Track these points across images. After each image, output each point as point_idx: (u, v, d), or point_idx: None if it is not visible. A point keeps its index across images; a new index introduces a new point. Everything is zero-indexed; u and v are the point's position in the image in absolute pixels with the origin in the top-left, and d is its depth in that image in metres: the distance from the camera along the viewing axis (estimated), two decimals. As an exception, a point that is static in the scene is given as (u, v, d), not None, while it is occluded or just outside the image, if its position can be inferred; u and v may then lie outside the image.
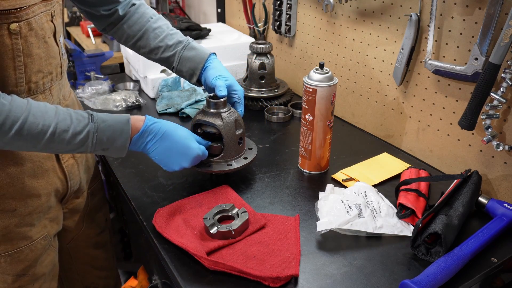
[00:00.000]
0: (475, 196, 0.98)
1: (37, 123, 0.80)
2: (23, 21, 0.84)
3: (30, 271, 0.99)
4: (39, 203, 0.97)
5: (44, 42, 0.90)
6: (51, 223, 1.02)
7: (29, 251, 0.98)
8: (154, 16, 1.17)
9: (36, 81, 0.90)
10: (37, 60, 0.89)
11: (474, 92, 0.97)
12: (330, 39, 1.47)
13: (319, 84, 1.05)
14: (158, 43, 1.15)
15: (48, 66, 0.92)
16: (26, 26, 0.85)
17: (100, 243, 1.27)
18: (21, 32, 0.84)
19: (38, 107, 0.81)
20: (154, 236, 0.92)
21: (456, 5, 1.04)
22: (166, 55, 1.15)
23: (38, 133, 0.80)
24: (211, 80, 1.09)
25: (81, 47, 2.21)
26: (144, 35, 1.15)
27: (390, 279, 0.82)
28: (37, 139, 0.81)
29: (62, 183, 1.02)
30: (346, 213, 0.93)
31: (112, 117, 0.89)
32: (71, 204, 1.11)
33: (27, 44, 0.86)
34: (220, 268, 0.82)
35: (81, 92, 1.58)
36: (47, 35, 0.91)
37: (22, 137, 0.79)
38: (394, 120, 1.31)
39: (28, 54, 0.87)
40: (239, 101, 1.11)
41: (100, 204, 1.26)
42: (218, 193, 1.04)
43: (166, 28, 1.16)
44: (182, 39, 1.16)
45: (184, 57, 1.14)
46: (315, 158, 1.13)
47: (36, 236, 0.98)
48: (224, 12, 2.11)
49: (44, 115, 0.81)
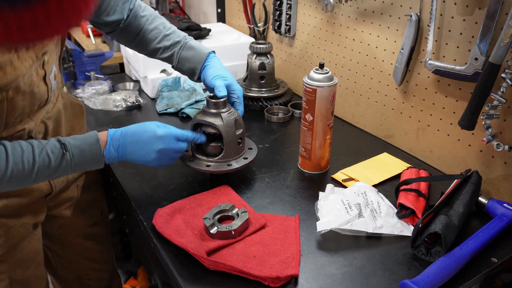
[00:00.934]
0: (475, 196, 0.98)
1: (22, 170, 0.83)
2: (11, 89, 0.82)
3: (9, 258, 1.01)
4: (19, 201, 0.98)
5: (30, 94, 0.88)
6: (30, 214, 1.03)
7: (6, 238, 0.99)
8: (150, 16, 1.16)
9: (15, 121, 0.90)
10: (19, 109, 0.88)
11: (474, 92, 0.97)
12: (330, 39, 1.47)
13: (319, 84, 1.05)
14: (155, 45, 1.15)
15: (31, 106, 0.91)
16: (13, 91, 0.83)
17: (92, 235, 1.28)
18: (7, 97, 0.82)
19: (16, 152, 0.83)
20: (154, 236, 0.92)
21: (456, 5, 1.04)
22: (165, 55, 1.16)
23: (26, 177, 0.85)
24: (210, 80, 1.10)
25: (81, 47, 2.21)
26: (142, 38, 1.16)
27: (390, 279, 0.82)
28: (25, 182, 0.86)
29: (45, 184, 1.03)
30: (346, 213, 0.93)
31: (83, 140, 0.91)
32: (56, 198, 1.12)
33: (12, 103, 0.84)
34: (220, 268, 0.82)
35: (81, 92, 1.58)
36: (35, 86, 0.89)
37: (12, 184, 0.84)
38: (394, 120, 1.31)
39: (11, 109, 0.85)
40: (238, 100, 1.10)
41: (94, 197, 1.26)
42: (218, 193, 1.04)
43: (162, 28, 1.16)
44: (179, 38, 1.15)
45: (182, 58, 1.14)
46: (315, 158, 1.13)
47: (12, 223, 0.99)
48: (224, 12, 2.11)
49: (24, 160, 0.83)
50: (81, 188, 1.19)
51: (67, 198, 1.15)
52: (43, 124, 0.99)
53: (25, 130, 0.92)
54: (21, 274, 1.04)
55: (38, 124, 0.96)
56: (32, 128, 0.94)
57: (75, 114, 1.15)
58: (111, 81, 1.72)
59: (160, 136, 0.96)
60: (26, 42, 0.47)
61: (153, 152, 0.96)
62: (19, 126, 0.91)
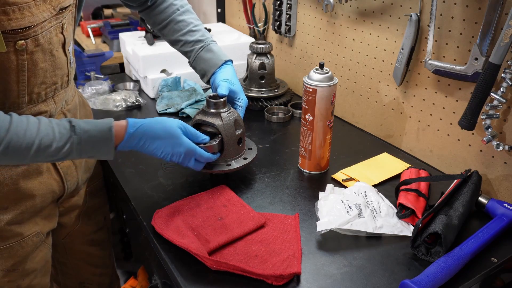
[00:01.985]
0: (475, 196, 0.98)
1: (20, 143, 0.79)
2: (30, 38, 0.82)
3: (20, 267, 1.00)
4: (33, 203, 0.97)
5: (51, 56, 0.88)
6: (44, 221, 1.02)
7: (20, 248, 0.98)
8: (182, 8, 1.19)
9: (39, 92, 0.90)
10: (41, 73, 0.88)
11: (474, 92, 0.97)
12: (330, 39, 1.47)
13: (319, 84, 1.05)
14: (179, 36, 1.17)
15: (53, 77, 0.91)
16: (33, 43, 0.83)
17: (96, 240, 1.27)
18: (27, 49, 0.83)
19: (20, 124, 0.79)
20: (154, 236, 0.92)
21: (456, 5, 1.04)
22: (185, 50, 1.19)
23: (23, 150, 0.80)
24: (217, 81, 1.11)
25: (81, 47, 2.20)
26: (168, 25, 1.18)
27: (390, 279, 0.82)
28: (22, 156, 0.81)
29: (58, 184, 1.02)
30: (346, 213, 0.93)
31: (95, 126, 0.86)
32: (67, 203, 1.11)
33: (32, 59, 0.85)
34: (222, 267, 0.82)
35: (81, 92, 1.58)
36: (54, 48, 0.89)
37: (8, 156, 0.79)
38: (394, 120, 1.31)
39: (33, 68, 0.85)
40: (241, 109, 1.11)
41: (99, 203, 1.26)
42: (216, 193, 1.04)
43: (190, 22, 1.18)
44: (203, 38, 1.17)
45: (199, 57, 1.16)
46: (315, 158, 1.13)
47: (27, 233, 0.98)
48: (224, 12, 2.11)
49: (26, 133, 0.79)
50: (89, 195, 1.19)
51: (76, 205, 1.15)
52: (63, 115, 0.99)
53: (47, 114, 0.92)
54: (28, 283, 1.03)
55: (58, 111, 0.96)
56: (53, 112, 0.94)
57: (87, 115, 1.16)
58: (111, 81, 1.72)
59: (182, 152, 0.94)
60: None
61: (168, 159, 0.95)
62: (42, 106, 0.91)
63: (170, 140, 0.93)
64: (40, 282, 1.06)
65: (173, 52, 1.31)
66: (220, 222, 0.93)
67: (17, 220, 0.96)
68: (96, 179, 1.22)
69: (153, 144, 0.92)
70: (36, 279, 1.05)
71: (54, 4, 0.85)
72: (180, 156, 0.95)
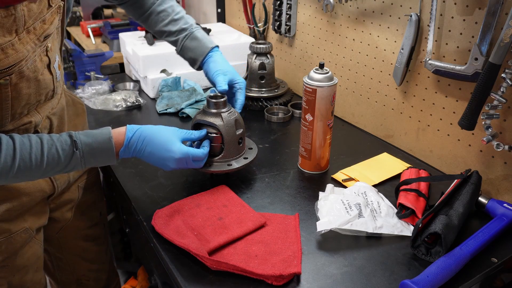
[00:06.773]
0: (475, 196, 0.98)
1: (28, 167, 0.81)
2: (14, 73, 0.81)
3: (10, 263, 1.00)
4: (20, 201, 0.97)
5: (35, 81, 0.87)
6: (33, 217, 1.02)
7: (8, 243, 0.98)
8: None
9: (22, 111, 0.89)
10: (25, 98, 0.87)
11: (474, 92, 0.97)
12: (330, 39, 1.47)
13: (319, 84, 1.05)
14: (162, 27, 1.18)
15: (37, 97, 0.90)
16: (17, 76, 0.81)
17: (91, 236, 1.27)
18: (11, 82, 0.81)
19: (24, 148, 0.81)
20: (154, 236, 0.92)
21: (456, 5, 1.04)
22: (170, 39, 1.19)
23: (32, 172, 0.83)
24: (211, 75, 1.12)
25: (81, 47, 2.21)
26: (149, 17, 1.18)
27: (390, 279, 0.82)
28: (31, 177, 0.86)
29: (47, 183, 1.02)
30: (346, 213, 0.93)
31: (95, 138, 0.88)
32: (58, 199, 1.11)
33: (16, 89, 0.83)
34: (223, 267, 0.82)
35: (81, 92, 1.58)
36: (39, 73, 0.87)
37: (18, 179, 0.83)
38: (394, 120, 1.31)
39: (16, 96, 0.84)
40: (240, 90, 1.13)
41: (94, 198, 1.26)
42: (216, 193, 1.04)
43: (171, 11, 1.17)
44: (186, 26, 1.17)
45: (185, 47, 1.17)
46: (315, 158, 1.13)
47: (15, 229, 0.98)
48: (224, 12, 2.11)
49: (32, 156, 0.81)
50: (82, 190, 1.19)
51: (68, 200, 1.15)
52: (48, 120, 0.99)
53: (32, 124, 0.92)
54: (19, 279, 1.03)
55: (44, 118, 0.96)
56: (38, 122, 0.94)
57: (77, 113, 1.15)
58: (111, 81, 1.72)
59: (174, 159, 0.94)
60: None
61: (166, 167, 0.96)
62: (25, 119, 0.90)
63: (164, 145, 0.94)
64: (32, 278, 1.06)
65: (173, 52, 1.31)
66: (220, 222, 0.94)
67: (4, 218, 0.96)
68: (90, 174, 1.22)
69: (152, 156, 0.94)
70: (28, 275, 1.05)
71: (38, 33, 0.81)
72: (175, 161, 0.95)
